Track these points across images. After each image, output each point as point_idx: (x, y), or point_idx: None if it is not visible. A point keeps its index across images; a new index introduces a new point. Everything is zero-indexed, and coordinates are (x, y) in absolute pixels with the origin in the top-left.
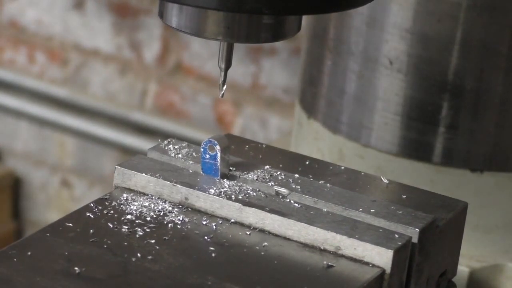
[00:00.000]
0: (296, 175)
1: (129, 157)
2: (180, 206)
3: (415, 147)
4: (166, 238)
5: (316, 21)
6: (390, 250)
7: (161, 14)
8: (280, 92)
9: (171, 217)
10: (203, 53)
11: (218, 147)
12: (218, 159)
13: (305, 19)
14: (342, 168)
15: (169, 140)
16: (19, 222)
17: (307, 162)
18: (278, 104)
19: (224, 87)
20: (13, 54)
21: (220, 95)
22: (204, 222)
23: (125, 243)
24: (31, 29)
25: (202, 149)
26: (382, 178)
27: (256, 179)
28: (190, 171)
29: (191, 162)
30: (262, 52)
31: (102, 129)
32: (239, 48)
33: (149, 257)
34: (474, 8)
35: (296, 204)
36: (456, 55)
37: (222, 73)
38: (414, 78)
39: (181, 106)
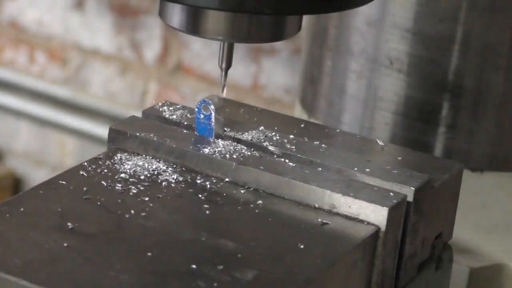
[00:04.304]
0: (291, 136)
1: None
2: (174, 166)
3: (415, 147)
4: (160, 196)
5: (316, 21)
6: (385, 207)
7: (162, 14)
8: (280, 92)
9: (165, 176)
10: (203, 53)
11: (212, 106)
12: (213, 119)
13: (306, 19)
14: (338, 130)
15: (163, 101)
16: None
17: (302, 125)
18: (278, 104)
19: (225, 87)
20: (13, 54)
21: (221, 95)
22: (198, 181)
23: (119, 201)
24: (31, 29)
25: (196, 109)
26: (378, 141)
27: (251, 140)
28: (185, 131)
29: (185, 123)
30: (263, 52)
31: (102, 129)
32: (240, 48)
33: (143, 214)
34: (474, 8)
35: (290, 163)
36: (456, 55)
37: (223, 73)
38: (414, 78)
39: None
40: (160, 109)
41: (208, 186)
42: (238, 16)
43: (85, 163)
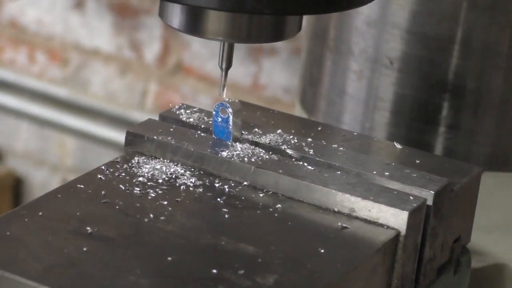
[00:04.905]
0: (309, 139)
1: None
2: (192, 169)
3: (415, 147)
4: (179, 199)
5: (316, 21)
6: (405, 211)
7: (162, 14)
8: (280, 92)
9: (183, 179)
10: (203, 53)
11: (230, 109)
12: (230, 122)
13: (306, 19)
14: (355, 134)
15: (180, 104)
16: None
17: (320, 128)
18: (278, 104)
19: (225, 87)
20: (13, 54)
21: (221, 95)
22: (217, 185)
23: (137, 204)
24: (31, 29)
25: (214, 112)
26: (396, 144)
27: (269, 143)
28: (202, 134)
29: (203, 126)
30: (262, 52)
31: (102, 129)
32: (240, 48)
33: (162, 218)
34: (474, 8)
35: (309, 167)
36: (456, 55)
37: (223, 73)
38: (414, 78)
39: None
40: (177, 112)
41: (227, 189)
42: (238, 16)
43: (103, 167)
